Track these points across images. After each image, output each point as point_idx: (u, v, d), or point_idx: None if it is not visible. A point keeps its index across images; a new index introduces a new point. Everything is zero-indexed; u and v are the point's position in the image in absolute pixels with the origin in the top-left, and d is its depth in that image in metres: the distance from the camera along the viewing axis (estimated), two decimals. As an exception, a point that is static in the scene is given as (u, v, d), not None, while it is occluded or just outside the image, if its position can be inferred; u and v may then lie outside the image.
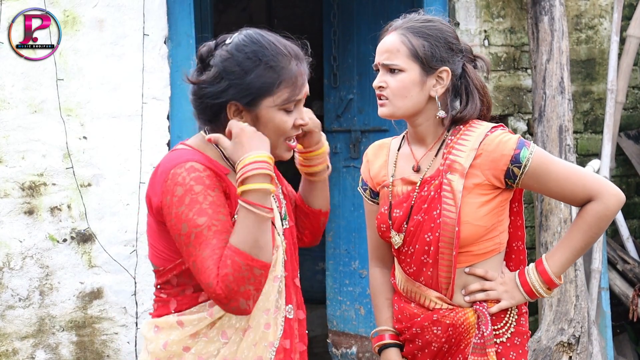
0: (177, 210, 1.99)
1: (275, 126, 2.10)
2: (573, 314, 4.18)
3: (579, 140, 4.98)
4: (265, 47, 2.08)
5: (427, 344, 2.45)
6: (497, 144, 2.36)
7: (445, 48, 2.41)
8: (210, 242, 1.98)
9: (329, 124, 5.26)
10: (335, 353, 5.21)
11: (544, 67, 4.46)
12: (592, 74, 5.01)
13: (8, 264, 3.96)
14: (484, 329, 2.38)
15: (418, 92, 2.39)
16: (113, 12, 4.03)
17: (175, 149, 2.14)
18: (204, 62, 2.10)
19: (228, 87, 2.06)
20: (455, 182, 2.36)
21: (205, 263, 1.97)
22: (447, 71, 2.40)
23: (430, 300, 2.43)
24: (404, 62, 2.39)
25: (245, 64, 2.06)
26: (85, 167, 4.02)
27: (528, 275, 2.43)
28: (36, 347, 4.01)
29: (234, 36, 2.11)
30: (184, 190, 1.99)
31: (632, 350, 4.90)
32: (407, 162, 2.50)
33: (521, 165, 2.34)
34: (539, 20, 4.50)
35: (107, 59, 4.03)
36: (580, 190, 2.38)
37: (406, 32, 2.41)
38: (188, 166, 2.01)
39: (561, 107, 4.43)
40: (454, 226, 2.34)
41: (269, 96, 2.07)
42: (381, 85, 2.41)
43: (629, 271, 4.76)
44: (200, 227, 1.97)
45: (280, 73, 2.07)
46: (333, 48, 5.20)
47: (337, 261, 5.30)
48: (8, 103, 3.92)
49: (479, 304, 2.41)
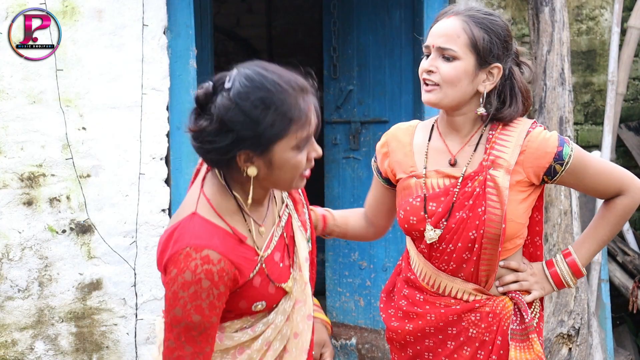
0: (178, 291, 1.96)
1: (291, 167, 2.01)
2: (573, 306, 4.18)
3: (579, 131, 4.97)
4: (271, 91, 1.94)
5: (464, 333, 2.43)
6: (541, 141, 2.35)
7: (502, 46, 2.36)
8: (196, 341, 1.99)
9: (328, 115, 5.24)
10: (335, 344, 5.21)
11: (545, 58, 4.45)
12: (592, 65, 5.00)
13: (7, 254, 3.95)
14: (524, 315, 2.40)
15: (468, 84, 2.34)
16: (112, 3, 4.01)
17: (197, 214, 2.02)
18: (203, 108, 1.97)
19: (237, 140, 1.93)
20: (500, 179, 2.33)
21: (185, 359, 1.99)
22: (499, 68, 2.36)
23: (468, 293, 2.42)
24: (461, 49, 2.32)
25: (253, 113, 1.92)
26: (84, 158, 4.01)
27: (557, 266, 2.48)
28: (35, 338, 4.01)
29: (233, 77, 1.95)
30: (192, 279, 1.95)
31: (631, 342, 4.90)
32: (440, 155, 2.44)
33: (564, 162, 2.35)
34: (540, 11, 4.49)
35: (106, 49, 4.02)
36: (613, 185, 2.43)
37: (469, 20, 2.34)
38: (204, 254, 1.96)
39: (562, 98, 4.41)
40: (500, 223, 2.32)
41: (281, 140, 1.96)
42: (431, 69, 2.35)
43: (628, 263, 4.76)
44: (193, 323, 1.97)
45: (290, 115, 1.97)
46: (333, 39, 5.18)
47: (337, 252, 5.29)
48: (7, 94, 3.91)
49: (515, 293, 2.43)
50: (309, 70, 2.09)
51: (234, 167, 2.00)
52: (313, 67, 2.21)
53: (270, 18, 7.86)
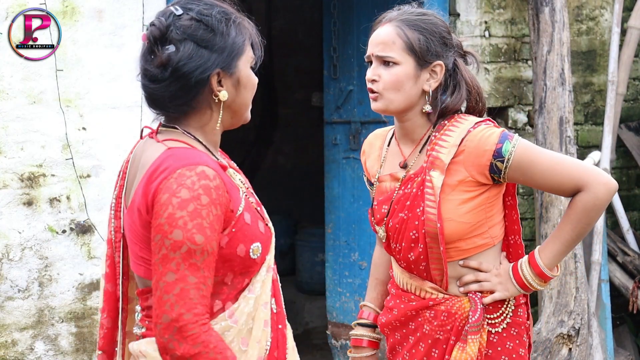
0: (174, 212, 1.78)
1: (252, 85, 1.99)
2: (573, 306, 4.18)
3: (579, 131, 4.97)
4: (223, 6, 1.94)
5: (420, 328, 2.45)
6: (479, 139, 2.33)
7: (439, 42, 2.39)
8: (199, 269, 1.79)
9: (328, 115, 5.24)
10: (335, 344, 5.21)
11: (545, 59, 4.45)
12: (592, 66, 5.00)
13: (7, 255, 3.95)
14: (471, 315, 2.38)
15: (412, 86, 2.37)
16: (112, 2, 4.01)
17: (173, 147, 1.90)
18: (163, 39, 1.90)
19: (211, 55, 1.89)
20: (435, 179, 2.34)
21: (189, 292, 1.77)
22: (440, 65, 2.39)
23: (425, 291, 2.44)
24: (399, 54, 2.36)
25: (219, 27, 1.90)
26: (84, 158, 4.01)
27: (520, 268, 2.41)
28: (35, 338, 4.01)
29: (181, 6, 1.92)
30: (191, 196, 1.78)
31: (631, 342, 4.90)
32: (395, 158, 2.49)
33: (504, 159, 2.31)
34: (540, 11, 4.49)
35: (107, 49, 4.02)
36: (567, 181, 2.34)
37: (402, 25, 2.38)
38: (199, 170, 1.81)
39: (562, 98, 4.41)
40: (435, 222, 2.33)
41: (242, 55, 1.94)
42: (374, 78, 2.38)
43: (629, 263, 4.76)
44: (197, 245, 1.78)
45: (244, 30, 1.96)
46: (333, 39, 5.18)
47: (337, 253, 5.29)
48: (7, 94, 3.91)
49: (473, 293, 2.41)
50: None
51: (201, 100, 1.92)
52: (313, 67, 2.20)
53: (270, 18, 7.86)
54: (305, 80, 7.53)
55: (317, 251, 6.42)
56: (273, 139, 7.98)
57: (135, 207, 1.89)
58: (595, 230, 4.59)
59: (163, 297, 1.77)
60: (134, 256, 1.94)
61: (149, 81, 1.93)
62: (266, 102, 7.65)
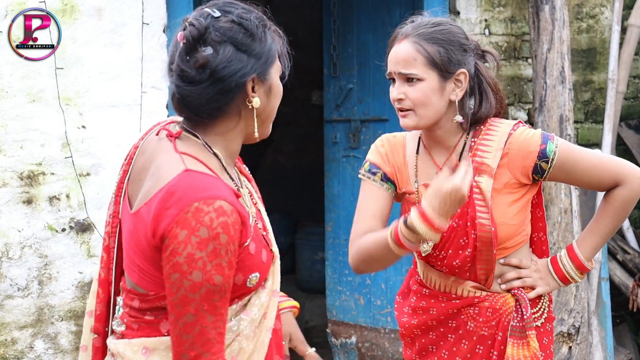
0: (194, 253, 1.73)
1: (280, 94, 1.97)
2: (573, 304, 4.18)
3: (579, 130, 4.97)
4: (259, 12, 1.92)
5: (463, 326, 2.44)
6: (522, 141, 2.36)
7: (459, 50, 2.38)
8: (217, 307, 1.77)
9: (328, 114, 5.24)
10: (335, 343, 5.21)
11: (545, 57, 4.45)
12: (593, 64, 4.99)
13: (7, 253, 3.95)
14: (524, 311, 2.40)
15: (439, 99, 2.36)
16: (112, 1, 4.01)
17: (190, 170, 1.81)
18: (201, 40, 1.84)
19: (249, 60, 1.86)
20: (484, 184, 2.35)
21: (208, 332, 1.76)
22: (464, 74, 2.38)
23: (468, 290, 2.44)
24: (422, 70, 2.35)
25: (257, 32, 1.88)
26: (84, 157, 4.01)
27: (561, 262, 2.48)
28: (35, 336, 4.01)
29: (218, 9, 1.88)
30: (210, 235, 1.73)
31: (631, 340, 4.90)
32: (429, 167, 2.46)
33: (549, 159, 2.35)
34: (540, 9, 4.48)
35: (106, 48, 4.01)
36: (607, 177, 2.41)
37: (419, 40, 2.36)
38: (217, 206, 1.75)
39: (562, 96, 4.41)
40: (490, 227, 2.34)
41: (274, 63, 1.93)
42: (400, 97, 2.37)
43: (629, 261, 4.76)
44: (215, 286, 1.75)
45: (277, 39, 1.96)
46: (333, 38, 5.18)
47: (337, 251, 5.29)
48: (6, 92, 3.90)
49: (518, 290, 2.44)
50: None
51: (233, 105, 1.87)
52: (313, 65, 2.20)
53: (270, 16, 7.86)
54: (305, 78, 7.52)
55: (317, 250, 6.42)
56: (273, 137, 7.98)
57: (142, 220, 1.84)
58: (596, 229, 4.59)
59: (182, 336, 1.77)
60: (129, 260, 1.91)
61: (185, 82, 1.86)
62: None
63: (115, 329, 1.97)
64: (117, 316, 1.97)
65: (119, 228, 2.00)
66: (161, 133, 1.95)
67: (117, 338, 1.96)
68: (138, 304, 1.90)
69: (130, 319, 1.92)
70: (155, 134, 1.97)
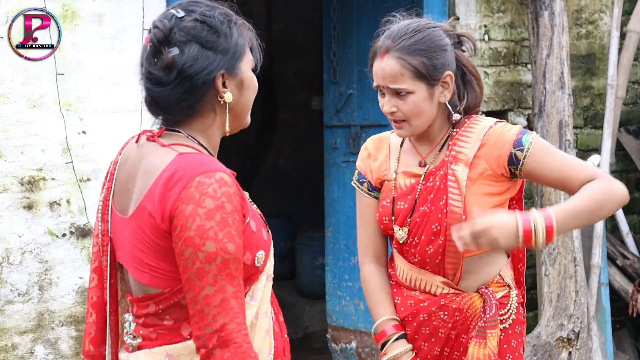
0: (203, 224, 1.74)
1: (254, 86, 1.98)
2: (573, 310, 4.18)
3: (579, 135, 4.98)
4: (224, 9, 1.94)
5: (435, 332, 2.47)
6: (500, 132, 2.40)
7: (441, 54, 2.42)
8: (234, 277, 1.77)
9: (328, 119, 5.25)
10: (335, 348, 5.21)
11: (544, 62, 4.46)
12: (592, 69, 5.00)
13: (7, 258, 3.95)
14: (488, 310, 2.40)
15: (430, 106, 2.41)
16: (112, 7, 4.02)
17: (184, 153, 1.85)
18: (167, 42, 1.87)
19: (216, 56, 1.87)
20: (459, 172, 2.38)
21: (230, 302, 1.75)
22: (450, 75, 2.42)
23: (436, 286, 2.46)
24: (410, 84, 2.39)
25: (222, 28, 1.89)
26: (84, 162, 4.01)
27: (532, 215, 2.24)
28: (35, 342, 4.01)
29: (182, 9, 1.90)
30: (216, 204, 1.76)
31: (631, 346, 4.90)
32: (411, 158, 2.53)
33: (524, 148, 2.36)
34: (539, 15, 4.50)
35: (107, 53, 4.02)
36: (583, 173, 2.35)
37: (402, 55, 2.39)
38: (218, 177, 1.78)
39: (561, 102, 4.42)
40: (461, 215, 2.36)
41: (243, 57, 1.94)
42: (393, 110, 2.43)
43: (628, 266, 4.76)
44: (230, 254, 1.76)
45: (244, 32, 1.96)
46: (333, 43, 5.19)
47: (337, 256, 5.29)
48: (7, 98, 3.91)
49: (484, 288, 2.44)
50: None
51: (205, 102, 1.90)
52: (313, 70, 2.21)
53: (271, 21, 7.87)
54: (305, 83, 7.54)
55: (317, 255, 6.42)
56: (273, 142, 7.99)
57: (145, 214, 1.84)
58: (595, 234, 4.60)
59: (205, 309, 1.75)
60: (137, 263, 1.89)
61: (153, 84, 1.90)
62: (266, 105, 7.66)
63: (130, 342, 1.94)
64: (129, 332, 1.95)
65: (110, 245, 1.99)
66: (141, 139, 1.97)
67: (132, 351, 1.94)
68: (154, 308, 1.89)
69: (146, 329, 1.91)
70: (134, 142, 2.00)
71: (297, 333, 6.04)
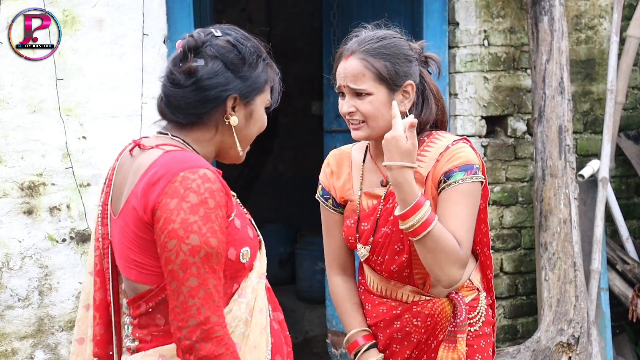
0: (187, 218, 1.82)
1: (262, 123, 2.09)
2: (572, 315, 4.18)
3: (578, 140, 4.98)
4: (259, 44, 2.06)
5: (407, 337, 2.51)
6: (451, 154, 2.40)
7: (405, 62, 2.44)
8: (216, 271, 1.85)
9: (328, 124, 5.25)
10: (335, 353, 5.21)
11: (544, 67, 4.46)
12: (591, 74, 5.01)
13: (7, 264, 3.95)
14: (459, 315, 2.44)
15: (388, 111, 2.41)
16: (112, 12, 4.03)
17: (170, 150, 1.94)
18: (196, 52, 1.99)
19: (232, 80, 1.98)
20: None
21: (212, 295, 1.83)
22: (411, 85, 2.44)
23: (407, 295, 2.50)
24: (371, 85, 2.41)
25: (250, 58, 2.01)
26: (84, 167, 4.02)
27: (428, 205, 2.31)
28: (35, 347, 4.01)
29: (222, 30, 2.04)
30: (199, 200, 1.84)
31: (631, 351, 4.90)
32: (373, 176, 2.54)
33: (448, 181, 2.38)
34: (539, 21, 4.50)
35: (107, 58, 4.03)
36: (456, 235, 2.33)
37: (366, 56, 2.42)
38: (202, 173, 1.86)
39: (561, 107, 4.42)
40: None
41: (261, 93, 2.05)
42: (351, 110, 2.43)
43: (628, 271, 4.76)
44: (212, 249, 1.83)
45: (271, 72, 2.07)
46: (333, 48, 5.19)
47: (337, 261, 5.28)
48: (7, 103, 3.92)
49: (454, 293, 2.47)
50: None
51: (211, 117, 1.99)
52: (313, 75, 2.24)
53: (270, 26, 7.88)
54: (305, 88, 7.54)
55: (317, 259, 6.42)
56: (273, 147, 7.99)
57: (130, 209, 1.92)
58: (595, 239, 4.60)
59: (188, 301, 1.82)
60: (125, 260, 1.96)
61: (171, 84, 1.99)
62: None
63: (129, 345, 2.01)
64: (127, 334, 2.02)
65: (111, 248, 2.05)
66: (134, 151, 2.04)
67: (132, 353, 2.00)
68: (145, 307, 1.95)
69: (142, 331, 1.97)
70: (128, 153, 2.07)
71: (297, 338, 6.04)
